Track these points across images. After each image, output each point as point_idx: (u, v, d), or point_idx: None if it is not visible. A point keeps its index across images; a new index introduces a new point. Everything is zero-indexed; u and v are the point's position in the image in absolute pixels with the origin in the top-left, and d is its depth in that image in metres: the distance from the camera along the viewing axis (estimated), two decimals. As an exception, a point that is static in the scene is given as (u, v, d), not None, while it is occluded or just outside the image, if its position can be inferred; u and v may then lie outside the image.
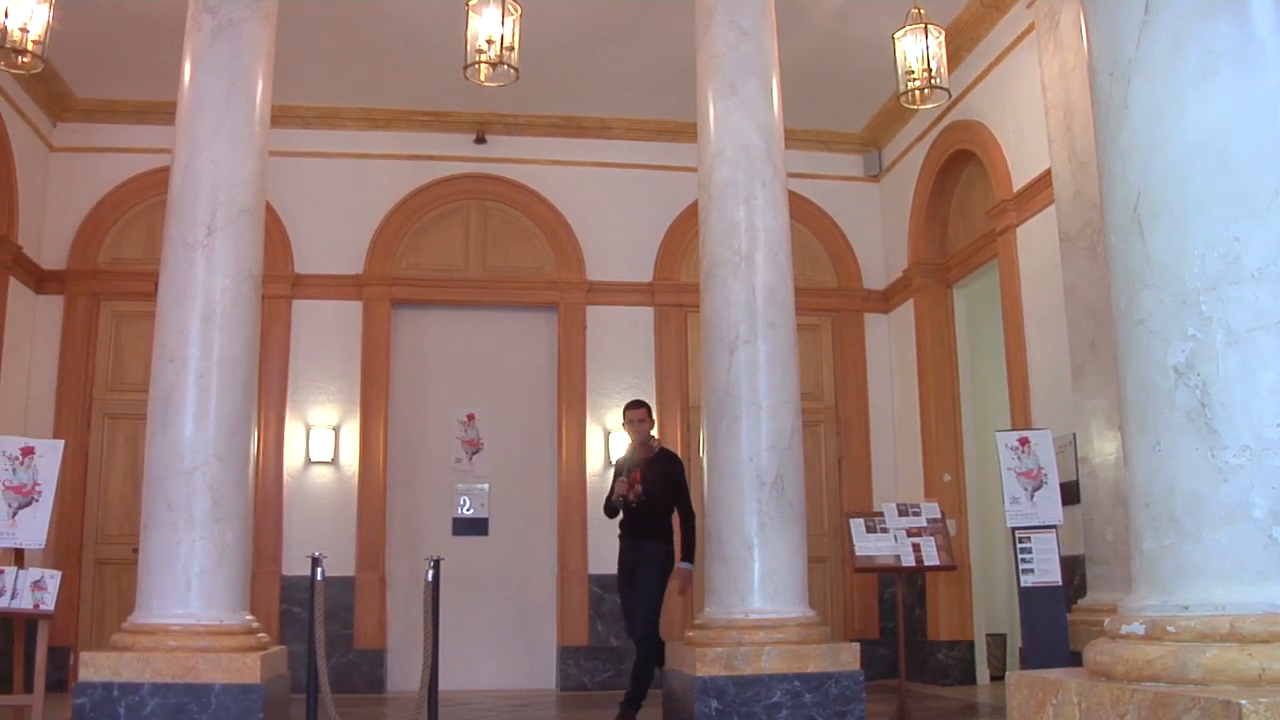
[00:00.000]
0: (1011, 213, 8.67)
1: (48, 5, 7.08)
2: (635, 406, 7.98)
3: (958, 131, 9.56)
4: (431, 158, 10.54)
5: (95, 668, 5.68)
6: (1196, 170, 2.96)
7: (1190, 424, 2.88)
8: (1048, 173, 7.77)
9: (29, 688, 6.25)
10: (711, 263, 6.77)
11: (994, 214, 8.93)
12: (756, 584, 6.26)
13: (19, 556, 6.27)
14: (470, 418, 10.20)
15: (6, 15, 6.91)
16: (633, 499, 7.53)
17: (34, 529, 6.26)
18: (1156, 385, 2.97)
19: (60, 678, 8.75)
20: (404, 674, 9.47)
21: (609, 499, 7.85)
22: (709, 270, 6.79)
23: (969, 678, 9.49)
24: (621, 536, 7.78)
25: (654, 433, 8.16)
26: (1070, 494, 7.23)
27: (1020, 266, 8.64)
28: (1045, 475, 6.90)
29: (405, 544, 9.93)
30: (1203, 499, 2.85)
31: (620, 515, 7.76)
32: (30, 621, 6.33)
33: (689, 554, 7.59)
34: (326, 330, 10.16)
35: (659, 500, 7.62)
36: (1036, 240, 8.34)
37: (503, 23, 7.23)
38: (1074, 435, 7.29)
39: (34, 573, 6.10)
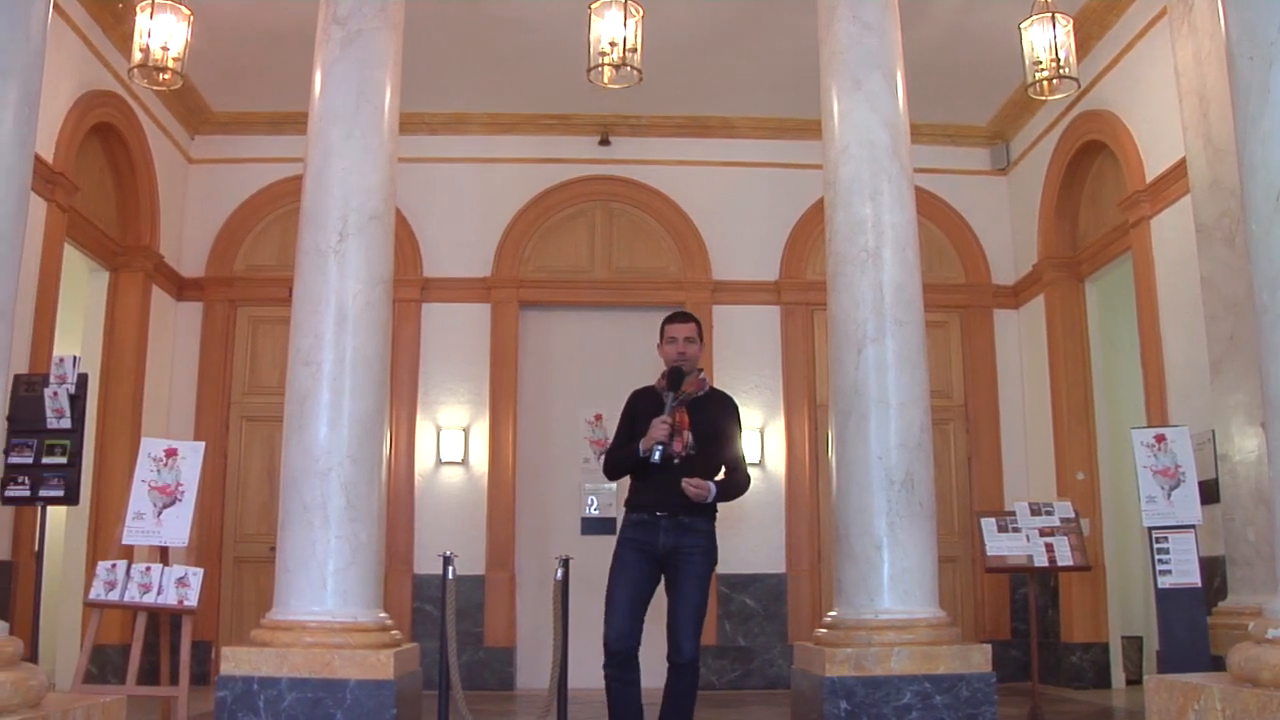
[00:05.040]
0: (1145, 204, 8.46)
1: (186, 24, 7.39)
2: (684, 320, 5.62)
3: (1087, 122, 9.35)
4: (557, 160, 10.63)
5: (236, 662, 5.85)
6: (1342, 156, 2.87)
7: (1338, 419, 2.79)
8: (1182, 162, 7.55)
9: (174, 680, 6.47)
10: (838, 260, 6.70)
11: (1126, 205, 8.72)
12: (886, 584, 6.18)
13: (164, 554, 6.50)
14: (598, 418, 10.25)
15: (149, 35, 7.23)
16: (679, 451, 5.35)
17: (177, 527, 6.49)
18: (1302, 380, 2.88)
19: (203, 671, 9.07)
20: (533, 672, 9.57)
21: (619, 450, 5.60)
22: (836, 268, 6.72)
23: (1104, 681, 9.27)
24: (640, 507, 5.52)
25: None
26: (1209, 493, 7.00)
27: (1155, 259, 8.42)
28: (1183, 473, 6.71)
29: (534, 543, 10.03)
30: (1352, 497, 2.76)
31: (633, 474, 5.57)
32: (175, 617, 6.56)
33: (723, 492, 5.47)
34: (456, 332, 10.32)
35: (710, 458, 5.49)
36: (1171, 231, 8.13)
37: (625, 25, 7.28)
38: (1213, 432, 7.07)
39: (178, 570, 6.34)
